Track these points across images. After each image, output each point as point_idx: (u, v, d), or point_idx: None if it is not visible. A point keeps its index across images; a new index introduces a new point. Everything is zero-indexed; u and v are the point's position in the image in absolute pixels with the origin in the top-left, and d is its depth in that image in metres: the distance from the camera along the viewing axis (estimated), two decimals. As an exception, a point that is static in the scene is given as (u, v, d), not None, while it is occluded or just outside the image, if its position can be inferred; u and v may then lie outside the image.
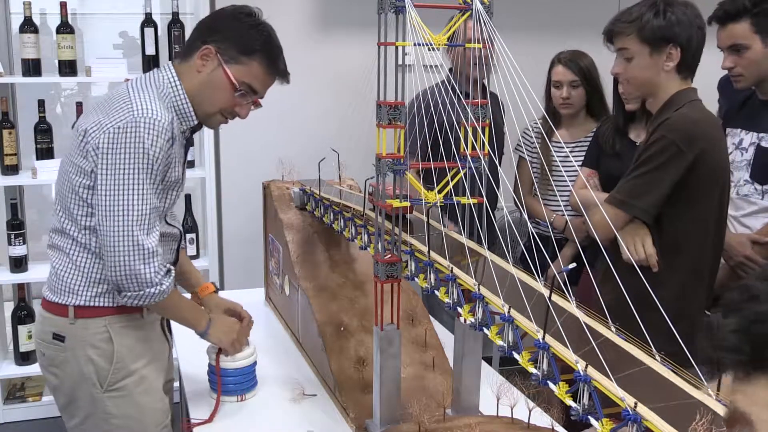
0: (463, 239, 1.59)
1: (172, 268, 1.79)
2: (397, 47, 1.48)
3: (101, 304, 1.78)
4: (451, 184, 1.59)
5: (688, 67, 2.05)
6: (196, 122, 1.81)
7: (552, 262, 1.53)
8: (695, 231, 2.05)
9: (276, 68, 1.83)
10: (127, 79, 1.86)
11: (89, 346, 1.78)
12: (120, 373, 1.79)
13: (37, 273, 3.28)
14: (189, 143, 1.88)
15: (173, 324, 2.03)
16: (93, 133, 1.68)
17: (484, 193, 1.58)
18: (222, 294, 2.09)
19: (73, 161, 1.72)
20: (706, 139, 2.01)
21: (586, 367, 1.12)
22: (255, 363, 2.00)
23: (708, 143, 2.01)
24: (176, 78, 1.78)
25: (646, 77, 2.05)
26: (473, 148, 1.58)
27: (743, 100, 2.43)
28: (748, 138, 2.35)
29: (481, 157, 1.59)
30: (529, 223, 2.04)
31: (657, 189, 1.99)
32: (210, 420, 1.84)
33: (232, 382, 1.94)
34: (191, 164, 3.47)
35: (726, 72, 2.67)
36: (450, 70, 2.15)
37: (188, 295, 2.06)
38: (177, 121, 1.75)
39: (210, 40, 1.76)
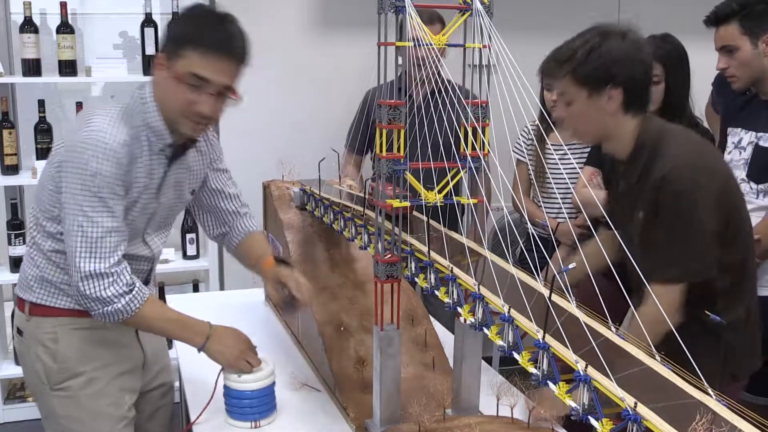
0: (463, 239, 1.59)
1: (137, 287, 1.72)
2: (397, 47, 1.48)
3: (53, 305, 1.81)
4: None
5: (635, 104, 1.81)
6: (168, 139, 1.74)
7: (551, 262, 1.53)
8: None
9: (208, 45, 1.64)
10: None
11: (39, 343, 1.82)
12: (65, 373, 1.81)
13: (37, 273, 3.29)
14: (173, 159, 1.78)
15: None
16: (57, 149, 1.73)
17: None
18: (222, 294, 2.09)
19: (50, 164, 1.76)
20: (719, 171, 1.85)
21: (586, 367, 1.12)
22: (273, 384, 1.82)
23: (721, 171, 1.87)
24: (150, 96, 1.72)
25: (591, 121, 1.81)
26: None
27: (746, 101, 2.43)
28: (747, 137, 2.36)
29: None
30: (529, 223, 2.03)
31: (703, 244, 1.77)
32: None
33: (243, 405, 1.78)
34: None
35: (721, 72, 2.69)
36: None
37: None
38: (147, 140, 1.71)
39: (162, 47, 1.70)
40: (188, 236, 3.47)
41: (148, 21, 3.28)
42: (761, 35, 2.30)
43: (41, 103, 3.22)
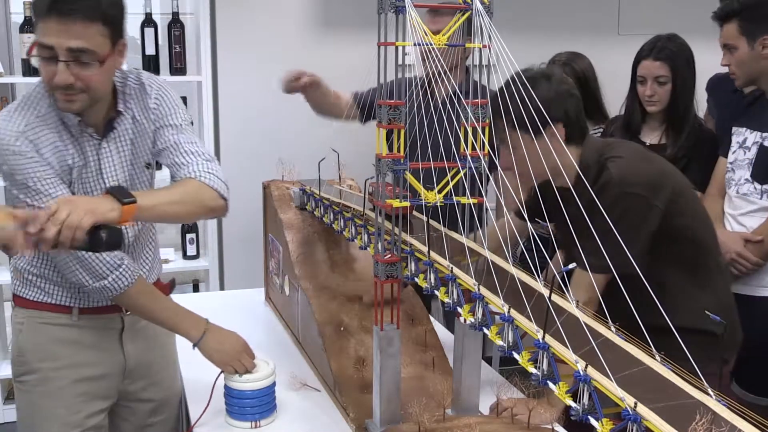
0: (463, 239, 1.59)
1: (126, 264, 1.71)
2: (397, 47, 1.48)
3: (25, 296, 1.82)
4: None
5: (576, 135, 1.90)
6: (75, 120, 1.68)
7: (551, 262, 1.53)
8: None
9: (41, 10, 1.55)
10: None
11: (14, 332, 1.85)
12: (23, 366, 1.82)
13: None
14: (103, 137, 1.73)
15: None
16: None
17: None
18: (222, 294, 2.08)
19: None
20: (662, 176, 1.91)
21: (586, 367, 1.12)
22: (273, 384, 1.82)
23: (666, 179, 1.92)
24: None
25: (538, 161, 1.73)
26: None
27: (752, 100, 2.44)
28: (752, 137, 2.35)
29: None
30: (529, 223, 2.03)
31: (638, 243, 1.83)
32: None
33: (244, 405, 1.78)
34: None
35: (716, 74, 2.70)
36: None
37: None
38: (62, 123, 1.67)
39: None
40: (188, 236, 3.47)
41: (148, 21, 3.28)
42: (758, 37, 2.30)
43: (41, 103, 3.22)
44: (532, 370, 1.24)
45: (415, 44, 1.48)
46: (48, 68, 1.58)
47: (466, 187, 1.59)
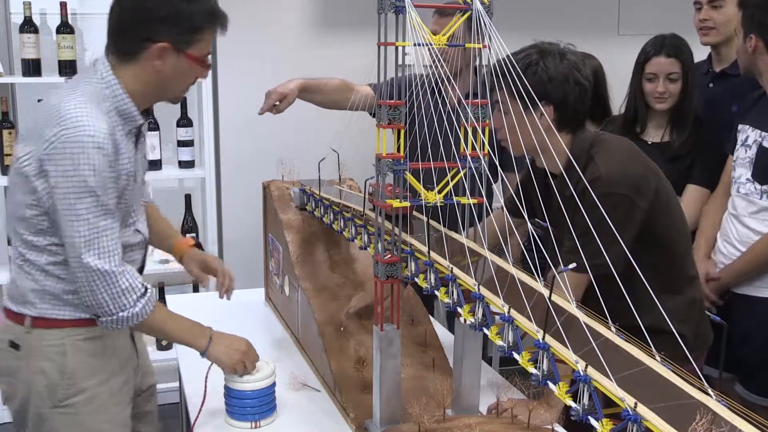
0: (463, 239, 1.59)
1: (150, 288, 1.69)
2: (397, 47, 1.48)
3: (57, 317, 1.71)
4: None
5: (568, 124, 1.89)
6: (140, 121, 1.70)
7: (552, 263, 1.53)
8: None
9: (222, 26, 1.73)
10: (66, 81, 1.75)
11: (43, 357, 1.70)
12: (70, 389, 1.71)
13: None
14: (140, 135, 1.76)
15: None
16: (26, 158, 1.60)
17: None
18: (222, 294, 2.08)
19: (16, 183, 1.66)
20: (644, 175, 1.90)
21: (586, 367, 1.12)
22: (273, 384, 1.82)
23: (648, 178, 1.91)
24: (115, 78, 1.65)
25: (525, 134, 1.75)
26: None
27: (756, 99, 2.44)
28: (753, 135, 2.35)
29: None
30: (529, 223, 2.03)
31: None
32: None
33: (244, 405, 1.78)
34: (190, 164, 3.47)
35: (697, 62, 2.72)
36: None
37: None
38: (121, 125, 1.65)
39: (157, 37, 1.62)
40: (188, 236, 3.46)
41: (148, 21, 3.27)
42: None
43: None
44: (532, 370, 1.24)
45: (415, 44, 1.48)
46: (202, 72, 1.72)
47: (466, 187, 1.59)
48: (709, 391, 1.08)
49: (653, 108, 2.64)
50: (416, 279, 1.61)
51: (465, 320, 1.44)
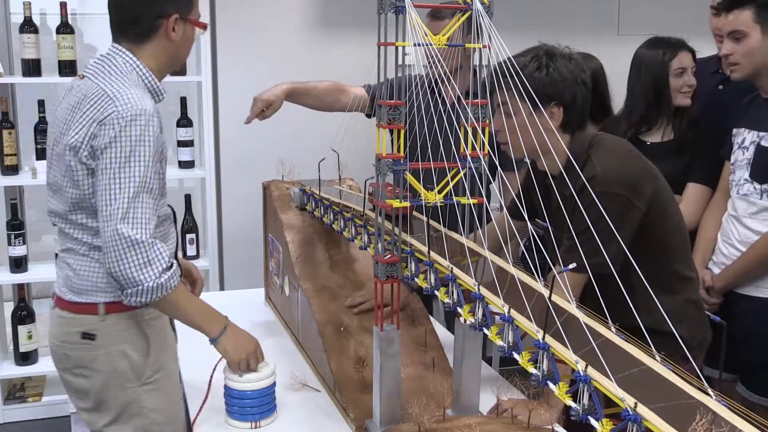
0: (463, 239, 1.59)
1: (175, 262, 1.72)
2: (397, 47, 1.48)
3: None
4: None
5: (573, 124, 1.90)
6: (164, 97, 1.84)
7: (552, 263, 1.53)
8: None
9: None
10: (82, 75, 1.79)
11: (123, 341, 1.75)
12: (154, 365, 1.77)
13: (37, 273, 3.28)
14: None
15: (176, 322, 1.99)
16: (76, 144, 1.67)
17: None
18: (222, 294, 2.08)
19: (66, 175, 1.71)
20: (643, 177, 1.90)
21: (586, 367, 1.12)
22: (273, 384, 1.83)
23: (647, 180, 1.91)
24: (137, 61, 1.77)
25: (528, 136, 1.74)
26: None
27: (749, 101, 2.43)
28: (750, 137, 2.35)
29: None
30: (529, 223, 2.03)
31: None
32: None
33: (244, 405, 1.79)
34: (190, 164, 3.47)
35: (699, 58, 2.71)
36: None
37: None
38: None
39: (166, 12, 1.77)
40: (188, 236, 3.47)
41: (148, 21, 3.28)
42: None
43: (41, 104, 3.22)
44: (532, 370, 1.24)
45: (415, 44, 1.48)
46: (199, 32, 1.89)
47: (467, 187, 1.59)
48: (709, 391, 1.08)
49: (677, 104, 2.64)
50: (416, 279, 1.61)
51: (465, 320, 1.44)
